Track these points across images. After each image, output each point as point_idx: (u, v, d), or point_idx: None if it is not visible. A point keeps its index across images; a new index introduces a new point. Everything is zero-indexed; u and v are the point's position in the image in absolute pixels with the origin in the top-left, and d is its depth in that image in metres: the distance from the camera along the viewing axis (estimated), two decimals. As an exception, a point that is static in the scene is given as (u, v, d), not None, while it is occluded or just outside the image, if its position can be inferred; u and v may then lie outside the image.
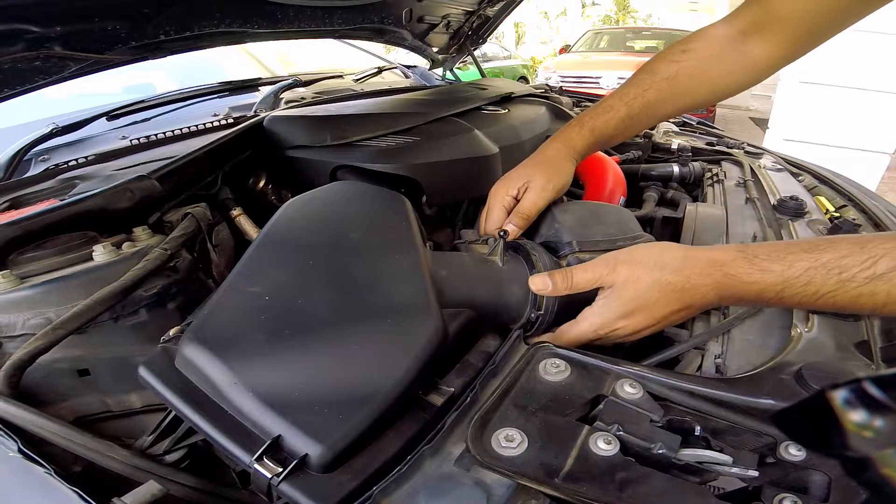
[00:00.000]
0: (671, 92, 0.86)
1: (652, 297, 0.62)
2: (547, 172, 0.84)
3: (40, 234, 0.70)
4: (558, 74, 7.07)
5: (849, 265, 0.50)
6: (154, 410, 0.66)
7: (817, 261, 0.52)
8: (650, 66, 0.88)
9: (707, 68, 0.85)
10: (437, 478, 0.45)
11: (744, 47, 0.83)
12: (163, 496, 0.47)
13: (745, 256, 0.57)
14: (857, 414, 0.32)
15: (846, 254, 0.51)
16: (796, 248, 0.55)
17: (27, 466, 0.46)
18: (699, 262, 0.60)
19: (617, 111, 0.87)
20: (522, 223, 0.83)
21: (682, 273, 0.60)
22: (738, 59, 0.84)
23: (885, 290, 0.49)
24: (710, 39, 0.86)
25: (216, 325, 0.54)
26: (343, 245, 0.66)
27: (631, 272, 0.63)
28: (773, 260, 0.55)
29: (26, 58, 0.87)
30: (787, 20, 0.79)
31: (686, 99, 0.88)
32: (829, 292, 0.52)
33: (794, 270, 0.53)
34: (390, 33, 1.73)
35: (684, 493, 0.42)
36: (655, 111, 0.88)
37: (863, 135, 4.44)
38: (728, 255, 0.58)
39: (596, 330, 0.66)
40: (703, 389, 0.55)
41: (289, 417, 0.46)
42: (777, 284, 0.54)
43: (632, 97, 0.87)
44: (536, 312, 0.72)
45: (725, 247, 0.60)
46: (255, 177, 1.08)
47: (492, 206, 0.87)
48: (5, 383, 0.53)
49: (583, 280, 0.67)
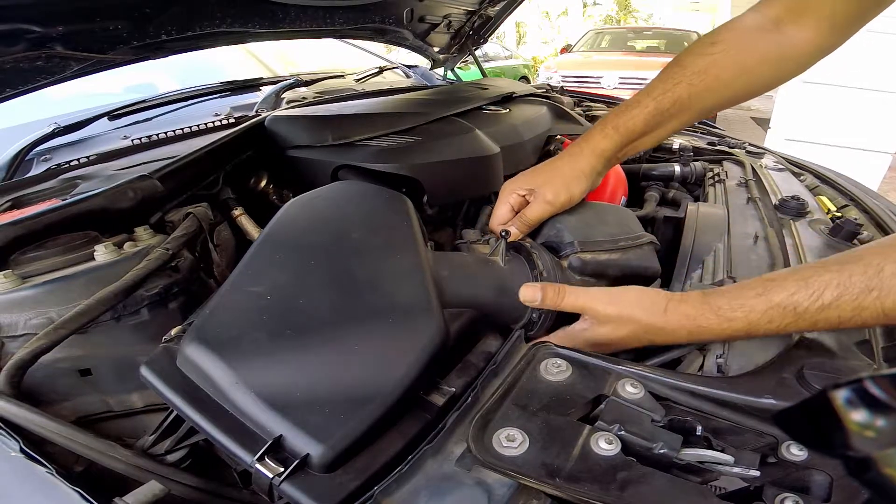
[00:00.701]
0: (704, 86, 0.81)
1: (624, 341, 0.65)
2: (557, 187, 0.83)
3: (42, 234, 0.70)
4: (560, 74, 7.05)
5: (800, 301, 0.55)
6: (155, 410, 0.66)
7: (771, 302, 0.57)
8: (679, 60, 0.84)
9: (741, 60, 0.80)
10: (439, 478, 0.45)
11: (779, 36, 0.79)
12: (164, 496, 0.47)
13: (711, 309, 0.61)
14: (858, 414, 0.32)
15: (794, 291, 0.56)
16: (751, 293, 0.59)
17: (29, 466, 0.46)
18: (675, 314, 0.62)
19: (644, 106, 0.83)
20: (524, 229, 0.84)
21: (664, 318, 0.63)
22: (775, 49, 0.79)
23: (835, 315, 0.53)
24: (741, 30, 0.82)
25: (218, 324, 0.54)
26: (345, 245, 0.66)
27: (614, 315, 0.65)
28: (734, 309, 0.59)
29: (28, 58, 0.87)
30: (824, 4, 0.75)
31: (721, 93, 0.82)
32: (789, 324, 0.56)
33: (755, 315, 0.58)
34: (391, 33, 1.73)
35: (686, 493, 0.42)
36: (688, 106, 0.82)
37: (864, 135, 4.43)
38: (696, 310, 0.61)
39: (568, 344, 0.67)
40: (704, 389, 0.55)
41: (290, 417, 0.46)
42: (742, 329, 0.59)
43: (660, 92, 0.83)
44: (538, 312, 0.72)
45: (692, 298, 0.63)
46: (256, 177, 1.08)
47: (498, 202, 0.88)
48: (7, 383, 0.53)
49: (573, 304, 0.67)
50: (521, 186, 0.86)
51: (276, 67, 2.15)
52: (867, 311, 0.52)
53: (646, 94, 0.84)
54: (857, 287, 0.52)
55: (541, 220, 0.85)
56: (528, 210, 0.84)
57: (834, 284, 0.53)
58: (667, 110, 0.82)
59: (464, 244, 0.86)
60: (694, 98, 0.81)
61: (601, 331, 0.65)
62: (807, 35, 0.77)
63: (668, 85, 0.82)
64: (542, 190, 0.84)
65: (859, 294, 0.52)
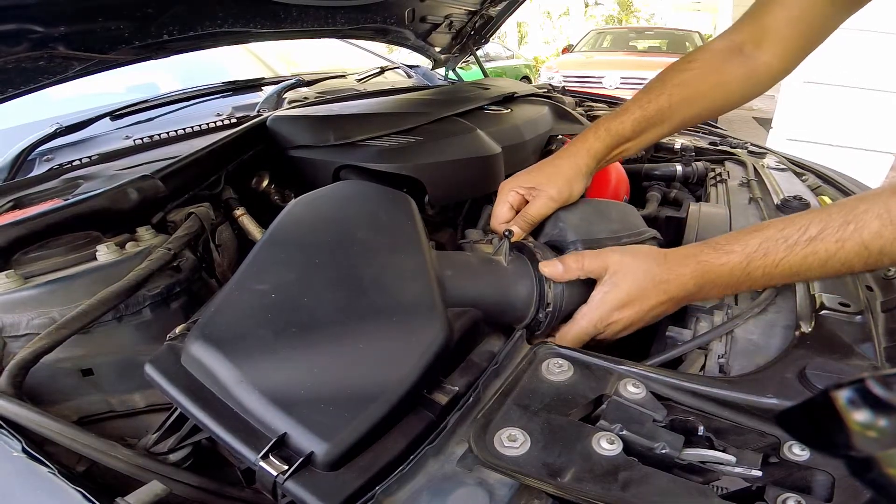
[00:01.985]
0: (683, 97, 0.88)
1: (644, 288, 0.68)
2: (558, 184, 0.85)
3: (44, 234, 0.70)
4: (561, 74, 7.05)
5: (789, 234, 0.61)
6: (157, 410, 0.66)
7: (764, 235, 0.63)
8: (660, 76, 0.92)
9: (713, 77, 0.89)
10: (440, 477, 0.45)
11: (744, 58, 0.88)
12: (166, 496, 0.47)
13: (709, 245, 0.67)
14: (861, 414, 0.32)
15: (783, 227, 0.62)
16: (747, 230, 0.65)
17: (31, 466, 0.46)
18: (676, 255, 0.68)
19: (631, 113, 0.89)
20: (526, 227, 0.85)
21: (666, 265, 0.67)
22: (741, 71, 0.88)
23: (822, 248, 0.59)
24: (712, 52, 0.90)
25: (222, 322, 0.54)
26: (349, 244, 0.66)
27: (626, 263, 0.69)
28: (732, 243, 0.65)
29: (30, 57, 0.87)
30: (778, 33, 0.85)
31: (698, 104, 0.90)
32: (783, 258, 0.61)
33: (751, 247, 0.63)
34: (393, 33, 1.73)
35: (687, 493, 0.42)
36: (669, 116, 0.90)
37: (867, 134, 4.42)
38: (696, 248, 0.68)
39: (595, 324, 0.70)
40: (706, 389, 0.55)
41: (294, 415, 0.46)
42: (742, 261, 0.63)
43: (645, 101, 0.89)
44: (545, 310, 0.72)
45: (695, 244, 0.69)
46: (258, 177, 1.08)
47: (498, 201, 0.89)
48: (9, 383, 0.53)
49: (592, 265, 0.71)
50: (521, 185, 0.87)
51: (278, 67, 2.15)
52: (849, 242, 0.57)
53: (633, 102, 0.91)
54: (837, 221, 0.58)
55: (543, 217, 0.86)
56: (530, 208, 0.85)
57: (817, 220, 0.60)
58: (651, 118, 0.89)
59: (467, 244, 0.87)
60: (674, 108, 0.89)
61: (624, 286, 0.68)
62: (766, 58, 0.87)
63: (652, 95, 0.89)
64: (544, 187, 0.85)
65: (839, 227, 0.58)
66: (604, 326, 0.70)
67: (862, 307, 0.70)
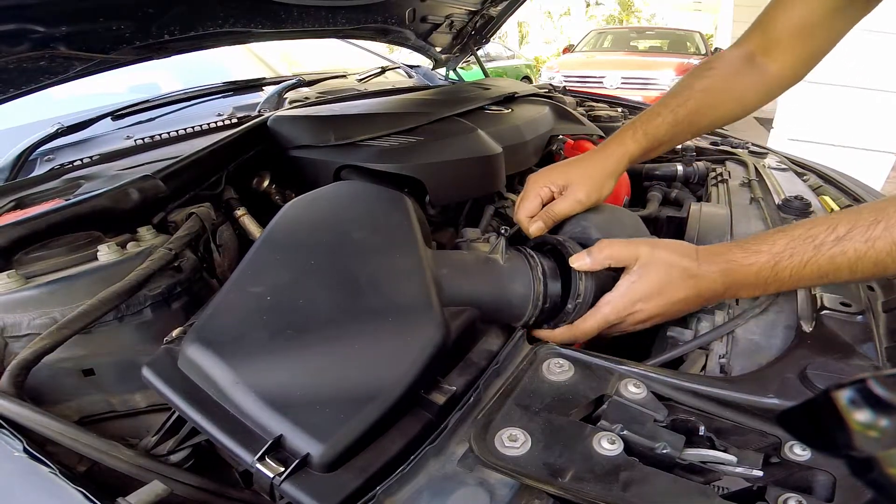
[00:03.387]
0: (706, 102, 0.90)
1: (671, 280, 0.67)
2: (588, 186, 0.86)
3: (45, 234, 0.70)
4: (562, 74, 7.05)
5: (817, 233, 0.60)
6: (158, 410, 0.66)
7: (792, 235, 0.62)
8: (685, 80, 0.93)
9: (730, 85, 0.91)
10: (441, 478, 0.45)
11: (755, 68, 0.90)
12: (167, 496, 0.47)
13: (737, 245, 0.67)
14: (862, 414, 0.32)
15: (811, 226, 0.61)
16: (775, 231, 0.65)
17: (32, 466, 0.46)
18: (707, 252, 0.68)
19: (664, 117, 0.90)
20: (550, 223, 0.86)
21: (696, 260, 0.67)
22: (753, 80, 0.90)
23: (851, 247, 0.58)
24: (727, 60, 0.92)
25: (218, 325, 0.54)
26: (345, 245, 0.66)
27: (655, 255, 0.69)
28: (759, 243, 0.64)
29: (31, 58, 0.87)
30: (784, 42, 0.87)
31: (721, 109, 0.92)
32: (810, 259, 0.60)
33: (778, 247, 0.62)
34: (394, 33, 1.73)
35: (688, 493, 0.42)
36: (697, 120, 0.91)
37: (868, 134, 4.42)
38: (725, 247, 0.68)
39: (619, 312, 0.69)
40: (707, 389, 0.55)
41: (290, 417, 0.46)
42: (769, 261, 0.63)
43: (676, 105, 0.90)
44: (574, 301, 0.73)
45: (723, 243, 0.69)
46: (258, 177, 1.08)
47: (528, 193, 0.89)
48: (11, 383, 0.53)
49: (622, 253, 0.71)
50: (554, 181, 0.88)
51: (279, 67, 2.15)
52: (879, 241, 0.56)
53: (663, 105, 0.91)
54: (866, 220, 0.57)
55: (567, 216, 0.87)
56: (557, 206, 0.86)
57: (845, 220, 0.59)
58: (681, 122, 0.90)
59: (464, 242, 0.86)
60: (700, 113, 0.90)
61: (652, 276, 0.68)
62: (775, 68, 0.89)
63: (681, 99, 0.90)
64: (575, 188, 0.86)
65: (869, 226, 0.57)
66: (626, 315, 0.69)
67: (863, 307, 0.70)
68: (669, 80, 6.34)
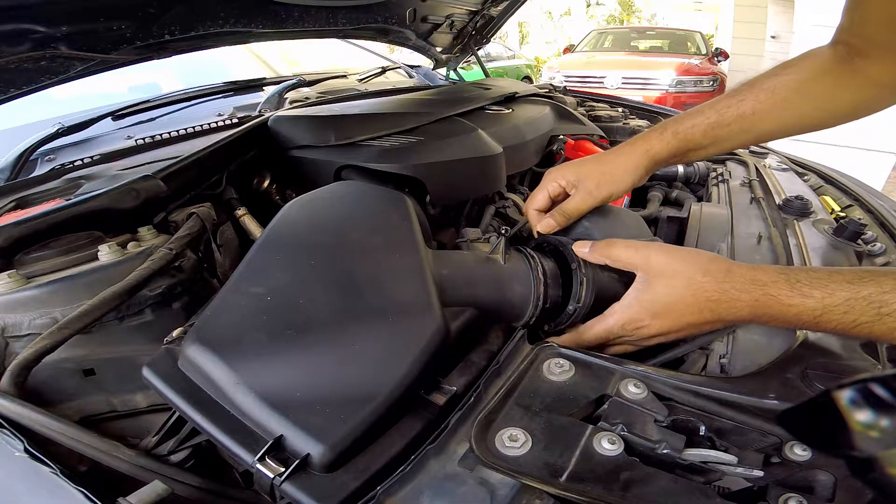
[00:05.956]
0: (771, 104, 0.78)
1: (683, 301, 0.61)
2: (599, 178, 0.81)
3: (46, 234, 0.70)
4: (562, 74, 7.06)
5: (889, 301, 0.50)
6: (159, 410, 0.66)
7: (858, 293, 0.52)
8: (750, 80, 0.82)
9: (813, 84, 0.78)
10: (441, 477, 0.45)
11: (852, 69, 0.76)
12: (168, 496, 0.47)
13: (787, 279, 0.56)
14: (862, 414, 0.32)
15: (888, 290, 0.51)
16: (839, 278, 0.54)
17: (33, 466, 0.46)
18: (741, 278, 0.59)
19: (706, 116, 0.81)
20: (562, 221, 0.81)
21: (721, 284, 0.59)
22: (848, 81, 0.77)
23: None
24: (814, 57, 0.80)
25: (218, 325, 0.54)
26: (344, 245, 0.66)
27: (668, 266, 0.62)
28: (814, 287, 0.54)
29: (32, 58, 0.87)
30: (883, 40, 0.73)
31: (789, 115, 0.80)
32: (866, 322, 0.51)
33: (835, 299, 0.53)
34: (394, 33, 1.73)
35: (689, 493, 0.42)
36: (750, 125, 0.80)
37: (868, 134, 4.41)
38: (769, 276, 0.58)
39: (623, 325, 0.65)
40: (707, 389, 0.55)
41: (291, 417, 0.46)
42: (816, 310, 0.54)
43: (725, 105, 0.80)
44: (574, 304, 0.72)
45: (767, 267, 0.60)
46: (259, 177, 1.08)
47: (540, 187, 0.85)
48: (11, 383, 0.53)
49: (621, 255, 0.67)
50: (565, 176, 0.83)
51: (280, 67, 2.15)
52: None
53: (710, 105, 0.82)
54: None
55: (581, 212, 0.82)
56: (569, 203, 0.81)
57: None
58: (728, 125, 0.80)
59: (464, 242, 0.86)
60: (757, 116, 0.79)
61: (659, 291, 0.62)
62: (876, 70, 0.75)
63: (734, 100, 0.80)
64: (586, 181, 0.81)
65: None
66: (633, 329, 0.64)
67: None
68: (670, 80, 6.36)
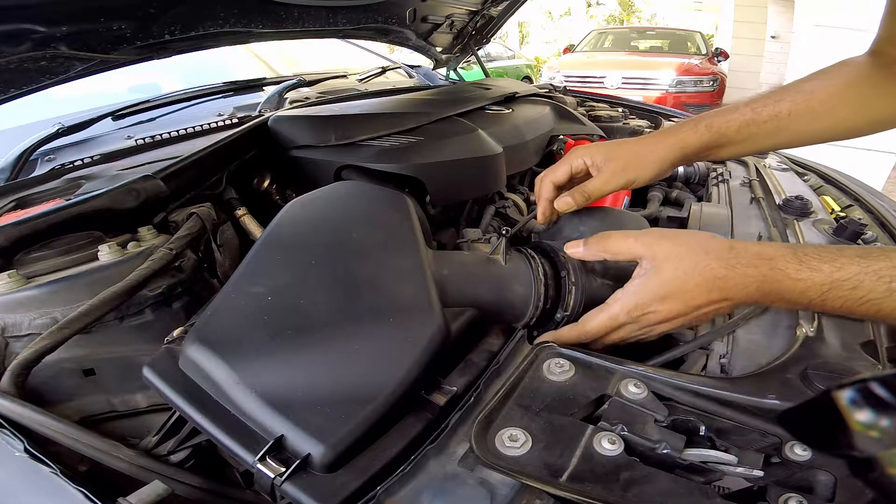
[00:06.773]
0: (808, 106, 0.77)
1: (692, 281, 0.59)
2: (626, 160, 0.79)
3: (46, 234, 0.70)
4: (562, 74, 7.05)
5: None
6: (159, 410, 0.66)
7: (868, 267, 0.51)
8: (785, 85, 0.81)
9: (850, 89, 0.77)
10: (441, 477, 0.45)
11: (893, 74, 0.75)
12: (168, 496, 0.48)
13: (794, 254, 0.55)
14: (862, 414, 0.32)
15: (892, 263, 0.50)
16: (849, 253, 0.53)
17: (33, 466, 0.46)
18: (746, 253, 0.57)
19: (741, 113, 0.80)
20: (581, 201, 0.79)
21: (727, 261, 0.57)
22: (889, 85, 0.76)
23: None
24: (852, 64, 0.79)
25: (219, 325, 0.54)
26: (345, 245, 0.66)
27: (673, 249, 0.60)
28: (823, 260, 0.53)
29: (32, 58, 0.87)
30: None
31: (826, 118, 0.78)
32: (875, 298, 0.50)
33: (844, 273, 0.52)
34: (394, 33, 1.73)
35: (689, 493, 0.42)
36: (785, 126, 0.78)
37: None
38: (777, 251, 0.56)
39: (629, 311, 0.62)
40: (707, 389, 0.55)
41: (291, 417, 0.46)
42: (824, 284, 0.53)
43: (761, 104, 0.79)
44: (562, 313, 0.72)
45: (774, 243, 0.58)
46: (259, 177, 1.08)
47: (564, 160, 0.82)
48: (11, 383, 0.54)
49: (620, 246, 0.65)
50: (592, 156, 0.80)
51: (280, 67, 2.15)
52: None
53: (746, 103, 0.81)
54: None
55: (601, 194, 0.79)
56: (591, 183, 0.79)
57: None
58: (762, 123, 0.79)
59: (464, 243, 0.86)
60: (793, 117, 0.78)
61: (666, 274, 0.60)
62: None
63: (770, 100, 0.79)
64: (611, 163, 0.79)
65: None
66: (639, 315, 0.62)
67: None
68: (670, 80, 6.36)
